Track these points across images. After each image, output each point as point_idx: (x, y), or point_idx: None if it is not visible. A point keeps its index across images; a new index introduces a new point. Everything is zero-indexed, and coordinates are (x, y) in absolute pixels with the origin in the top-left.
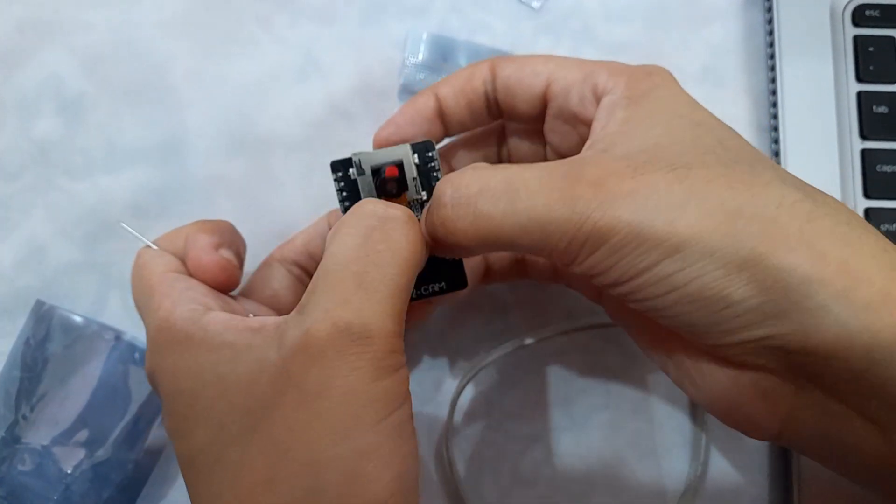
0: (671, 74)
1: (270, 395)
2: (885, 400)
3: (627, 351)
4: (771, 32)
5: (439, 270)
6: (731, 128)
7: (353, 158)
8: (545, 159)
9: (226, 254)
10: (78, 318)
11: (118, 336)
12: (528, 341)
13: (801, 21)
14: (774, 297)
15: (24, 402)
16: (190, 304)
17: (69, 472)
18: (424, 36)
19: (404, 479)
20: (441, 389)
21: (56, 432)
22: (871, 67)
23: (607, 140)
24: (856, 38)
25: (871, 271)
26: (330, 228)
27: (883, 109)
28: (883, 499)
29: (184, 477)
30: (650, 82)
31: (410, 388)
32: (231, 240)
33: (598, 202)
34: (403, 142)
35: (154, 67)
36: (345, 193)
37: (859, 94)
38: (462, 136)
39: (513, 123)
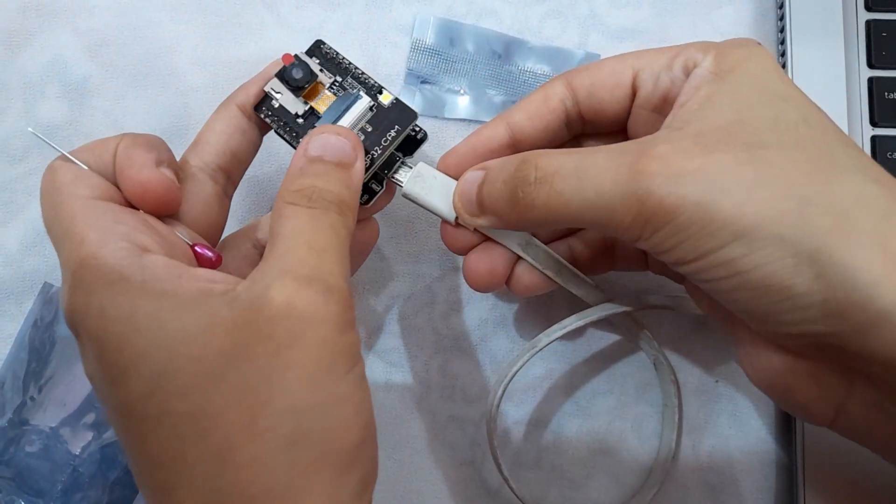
0: (763, 47)
1: (233, 348)
2: None
3: (632, 336)
4: (782, 17)
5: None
6: (817, 105)
7: (266, 88)
8: None
9: (167, 172)
10: None
11: None
12: (565, 330)
13: (813, 5)
14: (838, 294)
15: (32, 384)
16: (122, 240)
17: (77, 453)
18: (431, 21)
19: (371, 427)
20: (447, 374)
21: (64, 414)
22: (884, 53)
23: (684, 118)
24: (868, 23)
25: None
26: (245, 116)
27: (895, 96)
28: None
29: (120, 431)
30: (739, 55)
31: (412, 371)
32: (169, 157)
33: (663, 178)
34: (465, 169)
35: (159, 51)
36: (287, 126)
37: (871, 80)
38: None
39: (589, 128)
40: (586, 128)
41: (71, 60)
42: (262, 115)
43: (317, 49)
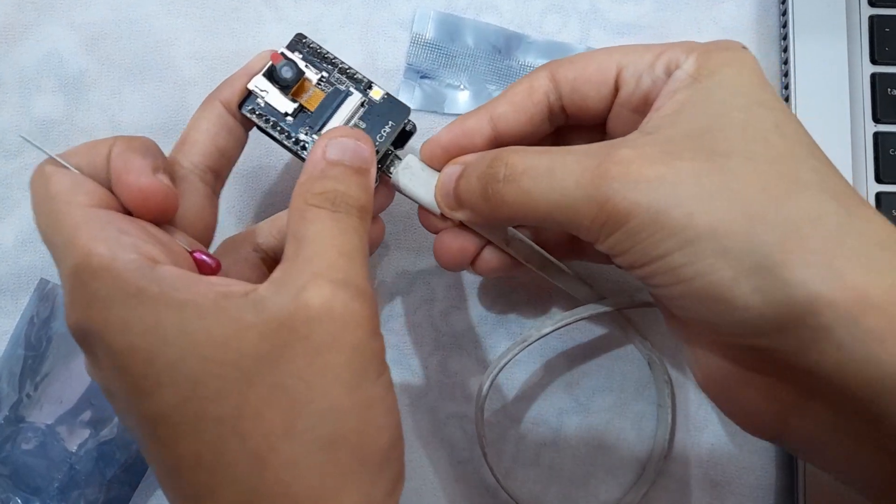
0: (746, 50)
1: (269, 351)
2: (890, 430)
3: (628, 334)
4: (784, 12)
5: None
6: (792, 113)
7: (249, 86)
8: None
9: (165, 179)
10: None
11: None
12: (557, 326)
13: (816, 0)
14: (780, 310)
15: (28, 381)
16: (131, 252)
17: (73, 451)
18: (431, 15)
19: (399, 429)
20: (447, 372)
21: (60, 411)
22: (887, 49)
23: (657, 122)
24: (872, 18)
25: (889, 300)
26: (230, 114)
27: None
28: None
29: (148, 438)
30: (721, 59)
31: (411, 368)
32: (164, 161)
33: (620, 184)
34: (450, 159)
35: (156, 45)
36: (278, 125)
37: (873, 76)
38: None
39: (571, 122)
40: (569, 120)
41: (67, 54)
42: (249, 114)
43: (298, 43)
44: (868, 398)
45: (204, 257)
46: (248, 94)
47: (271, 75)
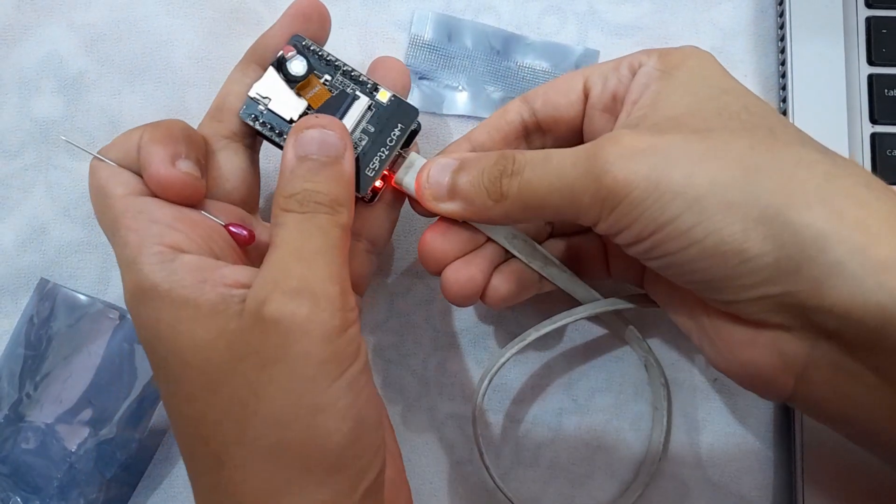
0: (704, 50)
1: (229, 361)
2: None
3: (624, 336)
4: (781, 14)
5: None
6: (757, 96)
7: (250, 94)
8: None
9: (185, 166)
10: (82, 297)
11: (123, 315)
12: (555, 325)
13: (813, 2)
14: (791, 252)
15: (28, 380)
16: (156, 244)
17: (73, 450)
18: (430, 16)
19: (361, 427)
20: (446, 372)
21: (60, 411)
22: (884, 50)
23: (638, 115)
24: (868, 20)
25: (888, 232)
26: (249, 76)
27: (895, 93)
28: (888, 463)
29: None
30: (682, 54)
31: (410, 368)
32: (188, 147)
33: (616, 157)
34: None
35: (156, 46)
36: (283, 134)
37: (870, 77)
38: None
39: (548, 139)
40: (546, 140)
41: (66, 55)
42: (250, 121)
43: (298, 45)
44: (878, 327)
45: (236, 230)
46: (249, 101)
47: (280, 66)
